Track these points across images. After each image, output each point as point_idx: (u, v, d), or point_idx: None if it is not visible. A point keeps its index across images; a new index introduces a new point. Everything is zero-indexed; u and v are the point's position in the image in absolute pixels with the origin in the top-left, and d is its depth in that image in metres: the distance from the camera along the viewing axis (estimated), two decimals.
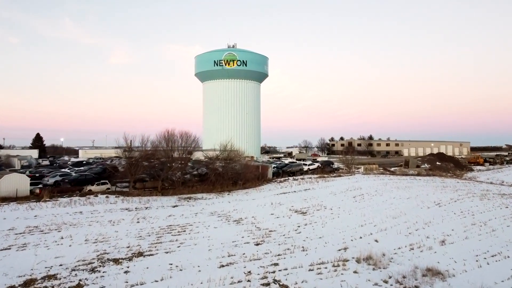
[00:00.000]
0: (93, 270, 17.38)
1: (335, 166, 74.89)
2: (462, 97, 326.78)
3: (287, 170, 63.25)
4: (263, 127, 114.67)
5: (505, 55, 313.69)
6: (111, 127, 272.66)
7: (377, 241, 23.16)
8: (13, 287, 15.30)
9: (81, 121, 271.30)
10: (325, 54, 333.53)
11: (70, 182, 42.45)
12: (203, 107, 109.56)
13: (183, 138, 49.66)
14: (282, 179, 54.75)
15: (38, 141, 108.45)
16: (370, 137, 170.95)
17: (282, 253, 20.43)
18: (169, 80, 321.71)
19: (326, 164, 75.26)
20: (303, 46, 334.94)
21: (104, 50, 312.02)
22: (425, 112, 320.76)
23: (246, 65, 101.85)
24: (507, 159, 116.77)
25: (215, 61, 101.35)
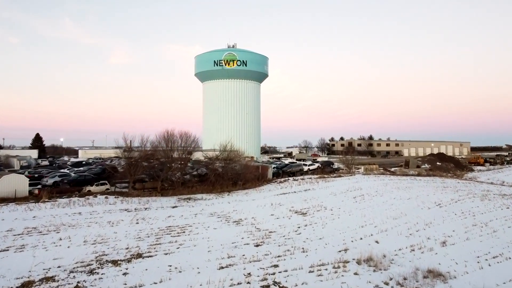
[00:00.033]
0: (91, 272, 17.26)
1: (335, 166, 74.76)
2: (462, 97, 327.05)
3: (287, 171, 63.09)
4: (263, 127, 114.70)
5: (505, 55, 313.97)
6: (111, 127, 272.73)
7: (377, 242, 23.04)
8: None
9: (81, 121, 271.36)
10: (325, 54, 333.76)
11: (69, 183, 42.30)
12: (203, 107, 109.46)
13: (182, 138, 49.55)
14: (282, 180, 54.61)
15: (37, 141, 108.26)
16: (370, 137, 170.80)
17: (282, 255, 20.33)
18: (169, 80, 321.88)
19: (326, 164, 75.12)
20: (303, 46, 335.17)
21: (104, 50, 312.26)
22: (425, 112, 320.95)
23: (246, 65, 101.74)
24: (508, 159, 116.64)
25: (215, 61, 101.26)
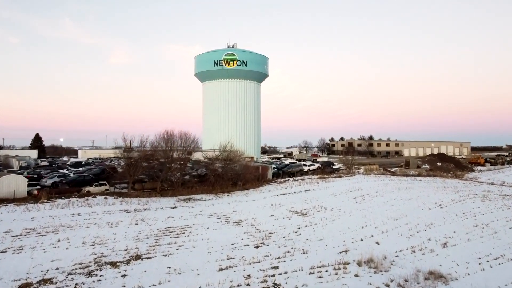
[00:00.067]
0: (90, 274, 17.10)
1: (335, 166, 74.61)
2: (462, 97, 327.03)
3: (287, 171, 62.94)
4: (263, 127, 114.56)
5: (505, 55, 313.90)
6: (111, 127, 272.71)
7: (378, 243, 22.89)
8: None
9: (81, 121, 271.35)
10: (325, 54, 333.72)
11: (68, 183, 42.14)
12: (203, 107, 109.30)
13: (182, 138, 49.40)
14: (282, 180, 54.47)
15: (37, 142, 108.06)
16: (370, 137, 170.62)
17: (282, 256, 20.18)
18: (169, 80, 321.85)
19: (326, 164, 74.98)
20: (303, 46, 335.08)
21: (104, 50, 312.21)
22: (425, 112, 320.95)
23: (246, 65, 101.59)
24: (508, 159, 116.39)
25: (215, 61, 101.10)
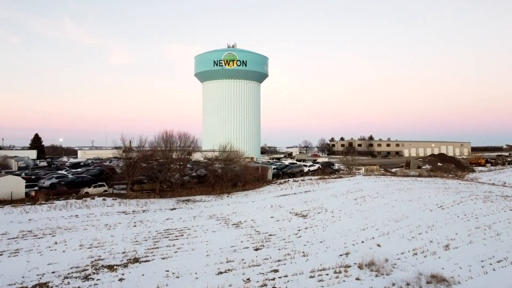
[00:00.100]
0: (86, 277, 16.82)
1: (336, 167, 74.32)
2: (462, 97, 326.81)
3: (287, 172, 62.66)
4: (263, 127, 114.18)
5: (505, 55, 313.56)
6: (111, 127, 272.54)
7: (379, 245, 22.59)
8: None
9: (81, 121, 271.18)
10: (325, 54, 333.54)
11: (67, 184, 41.85)
12: (203, 107, 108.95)
13: (181, 139, 49.14)
14: (282, 181, 54.17)
15: (36, 142, 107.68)
16: (371, 138, 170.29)
17: (282, 259, 19.90)
18: (169, 80, 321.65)
19: (327, 165, 74.72)
20: (303, 46, 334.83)
21: (104, 50, 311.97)
22: (425, 112, 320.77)
23: (246, 65, 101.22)
24: (509, 159, 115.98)
25: (214, 61, 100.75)
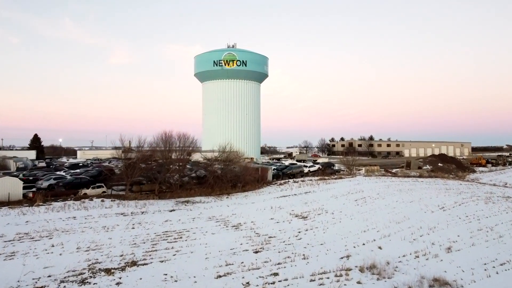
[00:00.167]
0: (83, 281, 16.52)
1: (336, 167, 74.05)
2: (462, 97, 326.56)
3: (287, 172, 62.39)
4: (263, 127, 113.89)
5: (505, 55, 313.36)
6: (111, 127, 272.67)
7: (380, 248, 22.29)
8: None
9: (81, 121, 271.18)
10: (325, 54, 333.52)
11: (65, 186, 41.54)
12: (203, 107, 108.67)
13: (180, 139, 48.90)
14: (282, 182, 53.90)
15: (36, 142, 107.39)
16: (371, 138, 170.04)
17: (282, 262, 19.61)
18: (169, 80, 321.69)
19: (327, 165, 74.47)
20: (303, 46, 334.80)
21: (104, 50, 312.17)
22: (425, 112, 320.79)
23: (246, 65, 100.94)
24: (509, 160, 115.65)
25: (214, 61, 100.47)
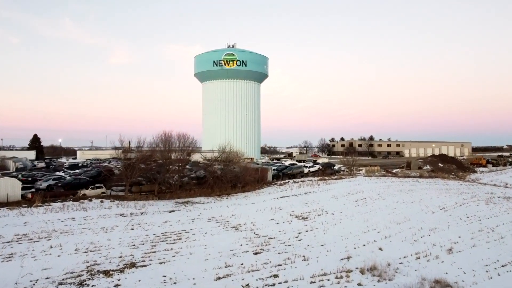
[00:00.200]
0: (81, 283, 16.37)
1: (336, 168, 73.85)
2: (462, 97, 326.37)
3: (287, 173, 62.19)
4: (263, 127, 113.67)
5: (505, 55, 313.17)
6: (111, 127, 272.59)
7: (381, 249, 22.14)
8: None
9: (81, 121, 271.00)
10: (325, 54, 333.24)
11: (64, 186, 41.33)
12: (203, 107, 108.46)
13: (180, 140, 48.70)
14: (282, 182, 53.71)
15: (35, 142, 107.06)
16: (371, 138, 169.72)
17: (282, 263, 19.46)
18: (169, 80, 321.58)
19: (327, 166, 74.25)
20: (303, 46, 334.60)
21: (104, 50, 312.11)
22: (425, 112, 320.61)
23: (246, 65, 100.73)
24: (510, 160, 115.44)
25: (214, 61, 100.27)
